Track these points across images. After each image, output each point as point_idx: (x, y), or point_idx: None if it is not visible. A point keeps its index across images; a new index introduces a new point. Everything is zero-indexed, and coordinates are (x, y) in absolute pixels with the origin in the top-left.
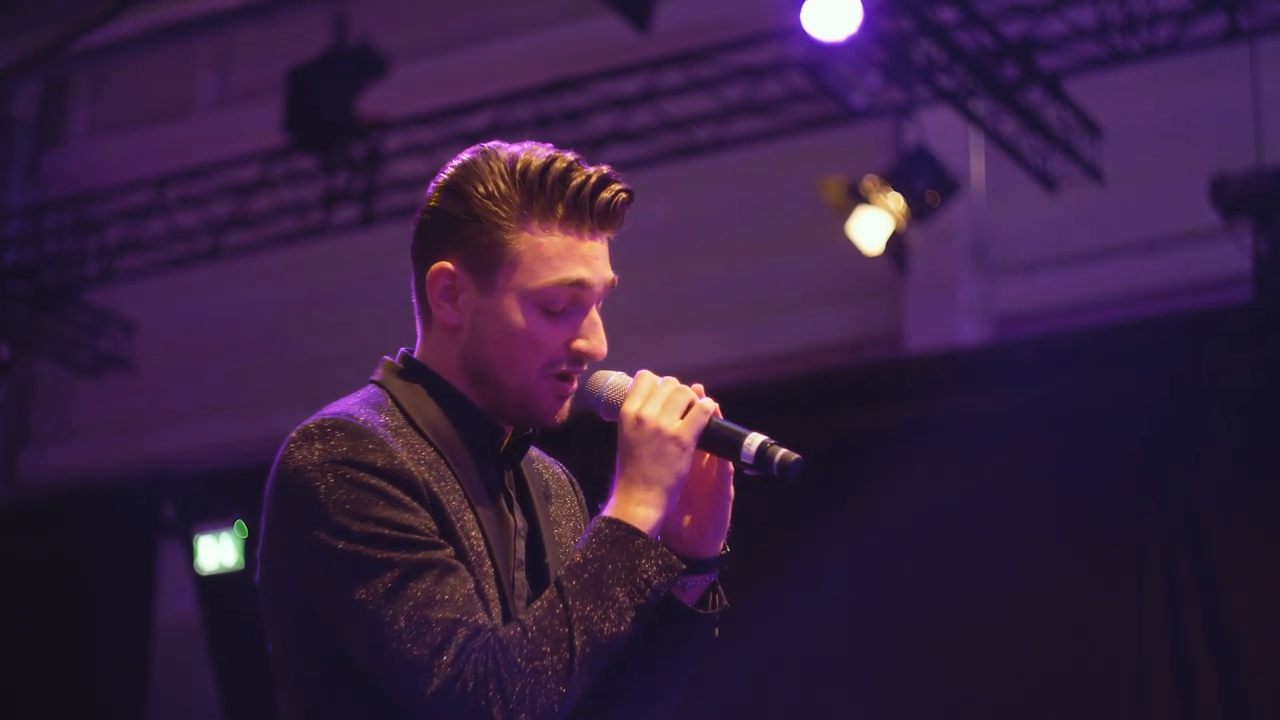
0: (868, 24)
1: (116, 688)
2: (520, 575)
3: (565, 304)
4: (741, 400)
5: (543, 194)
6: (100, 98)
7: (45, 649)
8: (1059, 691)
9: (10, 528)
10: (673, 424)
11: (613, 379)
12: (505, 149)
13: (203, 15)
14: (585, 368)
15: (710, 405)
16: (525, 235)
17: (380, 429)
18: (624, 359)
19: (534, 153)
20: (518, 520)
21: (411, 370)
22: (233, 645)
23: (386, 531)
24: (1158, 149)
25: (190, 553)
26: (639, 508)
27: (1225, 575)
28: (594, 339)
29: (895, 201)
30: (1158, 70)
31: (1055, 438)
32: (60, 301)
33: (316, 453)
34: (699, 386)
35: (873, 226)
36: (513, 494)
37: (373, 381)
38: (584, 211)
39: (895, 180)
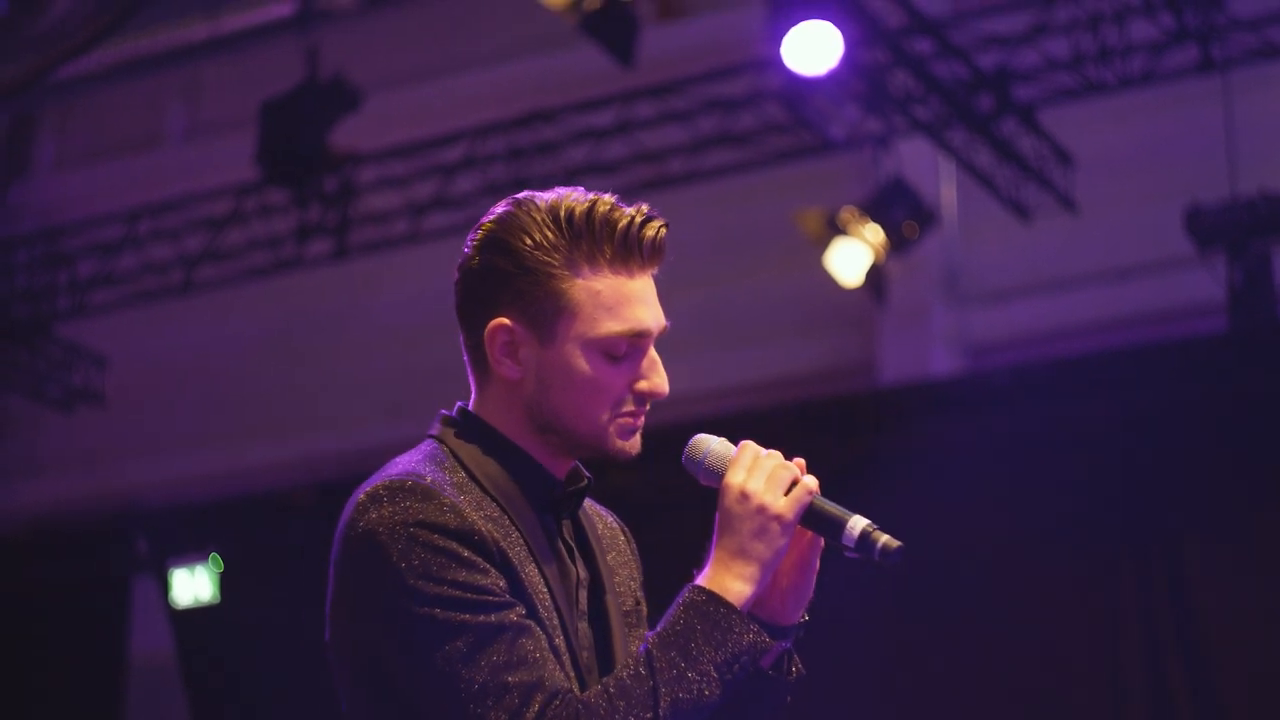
0: (847, 56)
1: None
2: (584, 625)
3: (627, 348)
4: (715, 430)
5: (591, 237)
6: (69, 130)
7: (18, 684)
8: (1038, 704)
9: None
10: (777, 502)
11: (715, 446)
12: (540, 197)
13: (172, 48)
14: (648, 405)
15: (813, 483)
16: (580, 282)
17: (447, 487)
18: None
19: (571, 198)
20: (580, 571)
21: (470, 425)
22: (207, 679)
23: (460, 594)
24: (1131, 178)
25: (164, 587)
26: (735, 582)
27: (1200, 600)
28: (655, 378)
29: (874, 233)
30: (1131, 100)
31: (1029, 467)
32: (31, 335)
33: (387, 514)
34: (800, 461)
35: (851, 258)
36: (573, 544)
37: (431, 437)
38: (632, 250)
39: (873, 212)
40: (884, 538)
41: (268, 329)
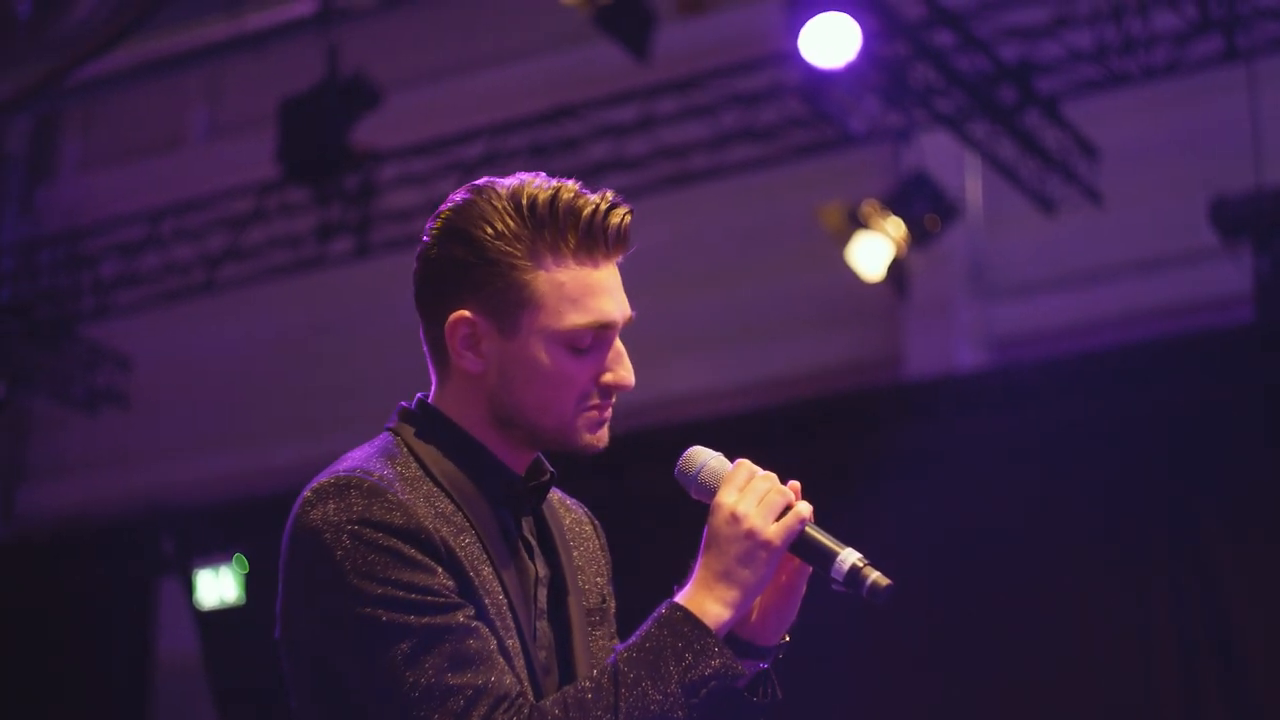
0: (865, 49)
1: None
2: (543, 624)
3: (591, 341)
4: (740, 427)
5: (554, 226)
6: (92, 131)
7: (45, 686)
8: (1069, 708)
9: (8, 565)
10: (767, 528)
11: (711, 462)
12: (501, 184)
13: (194, 48)
14: (614, 398)
15: (806, 510)
16: (543, 274)
17: (396, 483)
18: None
19: (533, 185)
20: (539, 568)
21: (428, 419)
22: (233, 680)
23: (404, 595)
24: (1156, 170)
25: (189, 588)
26: (715, 605)
27: (1230, 593)
28: (621, 370)
29: (895, 227)
30: (1155, 91)
31: (1055, 461)
32: (55, 337)
33: (332, 511)
34: (796, 485)
35: (872, 252)
36: (533, 541)
37: (388, 429)
38: (596, 240)
39: (895, 205)
40: (874, 575)
41: (291, 328)
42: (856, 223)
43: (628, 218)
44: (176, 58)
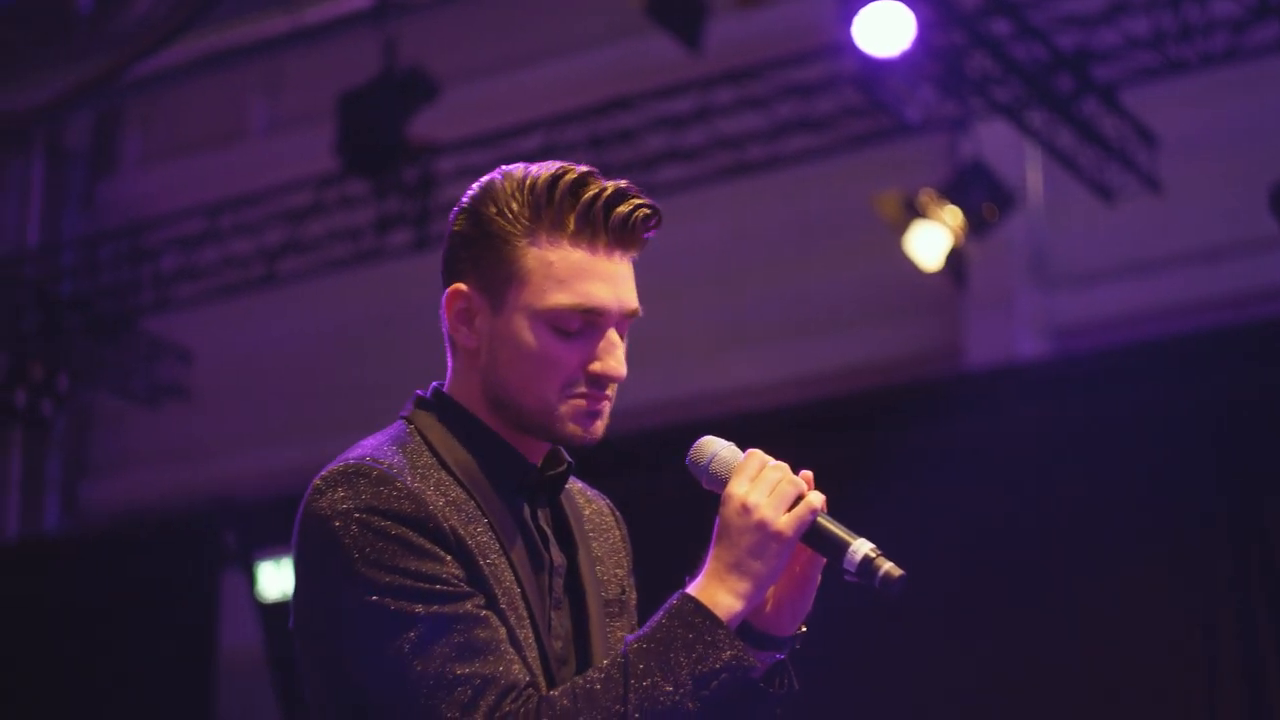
0: (921, 38)
1: (180, 717)
2: (559, 615)
3: (579, 325)
4: (799, 419)
5: (551, 206)
6: (152, 126)
7: (108, 679)
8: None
9: (72, 558)
10: (778, 518)
11: (722, 452)
12: (523, 167)
13: (252, 42)
14: (607, 390)
15: (818, 500)
16: (534, 251)
17: (406, 471)
18: (682, 379)
19: (548, 167)
20: (554, 558)
21: (440, 405)
22: (296, 672)
23: (412, 583)
24: (1215, 157)
25: (251, 580)
26: (727, 596)
27: None
28: (610, 360)
29: (952, 216)
30: (1214, 78)
31: (1119, 450)
32: (116, 331)
33: (340, 500)
34: (808, 475)
35: (930, 241)
36: (548, 530)
37: (402, 417)
38: (597, 225)
39: (952, 194)
40: (886, 565)
41: (350, 321)
42: (913, 212)
43: (641, 211)
44: (235, 52)
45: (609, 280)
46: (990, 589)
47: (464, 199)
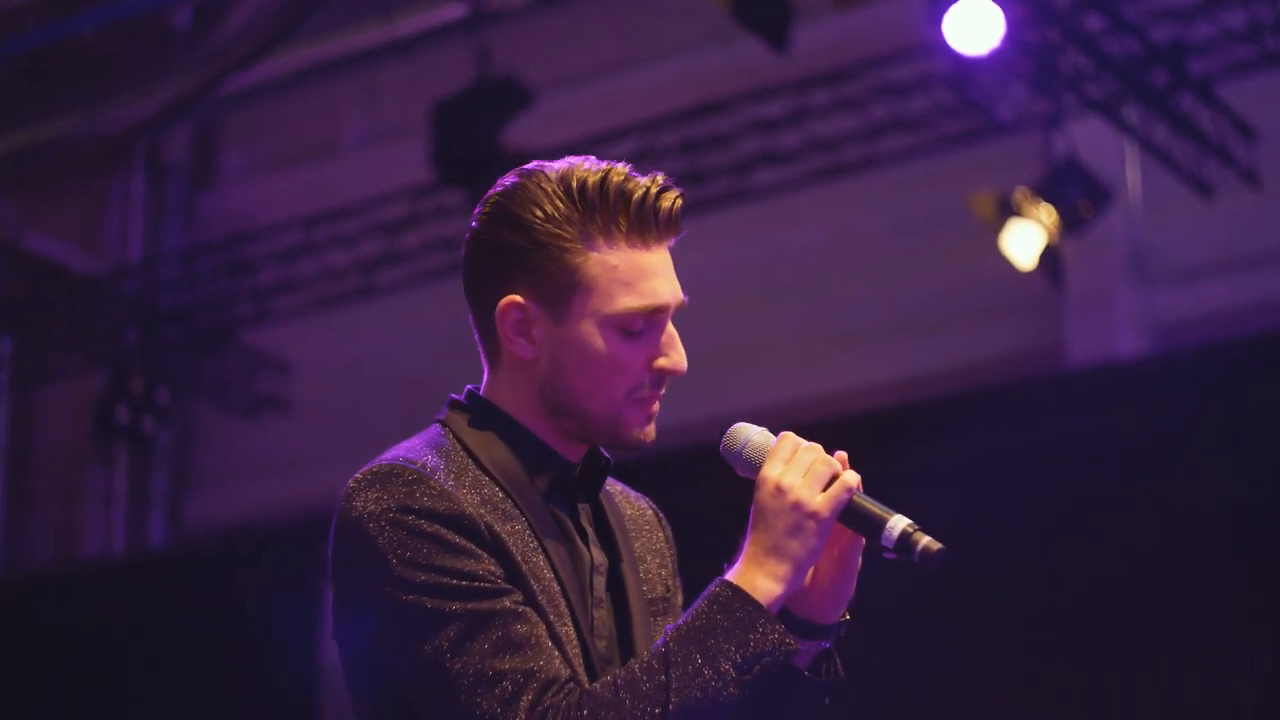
0: (1012, 36)
1: None
2: (600, 614)
3: (643, 325)
4: (901, 421)
5: (605, 209)
6: (252, 139)
7: (212, 691)
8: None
9: (175, 571)
10: (814, 499)
11: (755, 437)
12: (550, 168)
13: (348, 54)
14: (664, 388)
15: (854, 479)
16: (594, 256)
17: (440, 472)
18: (782, 384)
19: (583, 168)
20: (595, 557)
21: (477, 408)
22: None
23: (449, 581)
24: None
25: None
26: (766, 580)
27: None
28: (674, 355)
29: (1047, 214)
30: None
31: (1225, 448)
32: (215, 345)
33: (373, 501)
34: (843, 455)
35: (1025, 240)
36: (589, 530)
37: (437, 421)
38: (648, 222)
39: (1046, 192)
40: (924, 540)
41: (448, 331)
42: (1008, 211)
43: (679, 201)
44: (331, 64)
45: (664, 275)
46: (1091, 586)
47: (491, 205)
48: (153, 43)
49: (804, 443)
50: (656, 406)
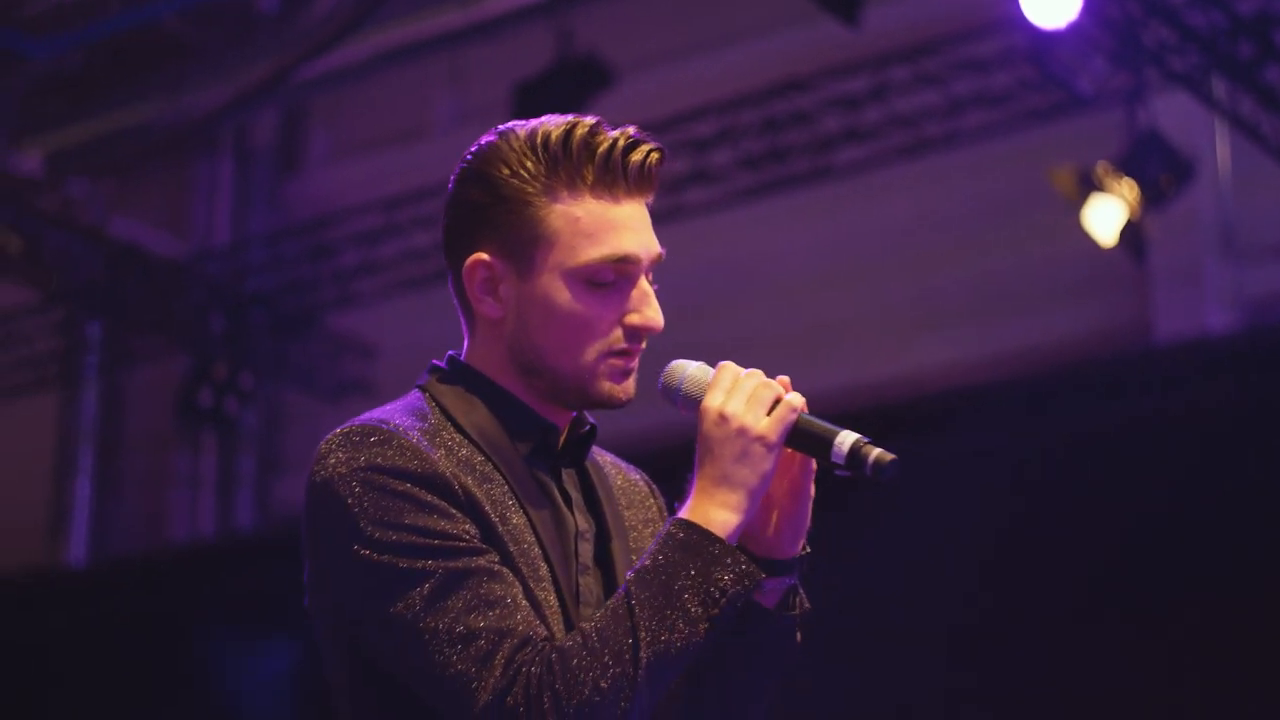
0: (1094, 9)
1: None
2: (586, 580)
3: (613, 276)
4: (991, 399)
5: (568, 161)
6: (338, 123)
7: (302, 671)
8: None
9: (263, 554)
10: (759, 422)
11: (692, 370)
12: (522, 125)
13: (431, 36)
14: (643, 344)
15: (798, 400)
16: (557, 208)
17: (414, 433)
18: (870, 363)
19: (552, 122)
20: (579, 522)
21: (456, 373)
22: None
23: (421, 540)
24: None
25: None
26: (719, 511)
27: None
28: (648, 310)
29: (1129, 189)
30: None
31: None
32: (300, 328)
33: (344, 462)
34: (785, 379)
35: (1107, 215)
36: (573, 495)
37: (417, 386)
38: (615, 174)
39: (1128, 167)
40: (875, 451)
41: None
42: (1090, 185)
43: (654, 155)
44: (414, 46)
45: (634, 228)
46: (1181, 565)
47: (462, 165)
48: (235, 28)
49: (744, 370)
50: (634, 363)
